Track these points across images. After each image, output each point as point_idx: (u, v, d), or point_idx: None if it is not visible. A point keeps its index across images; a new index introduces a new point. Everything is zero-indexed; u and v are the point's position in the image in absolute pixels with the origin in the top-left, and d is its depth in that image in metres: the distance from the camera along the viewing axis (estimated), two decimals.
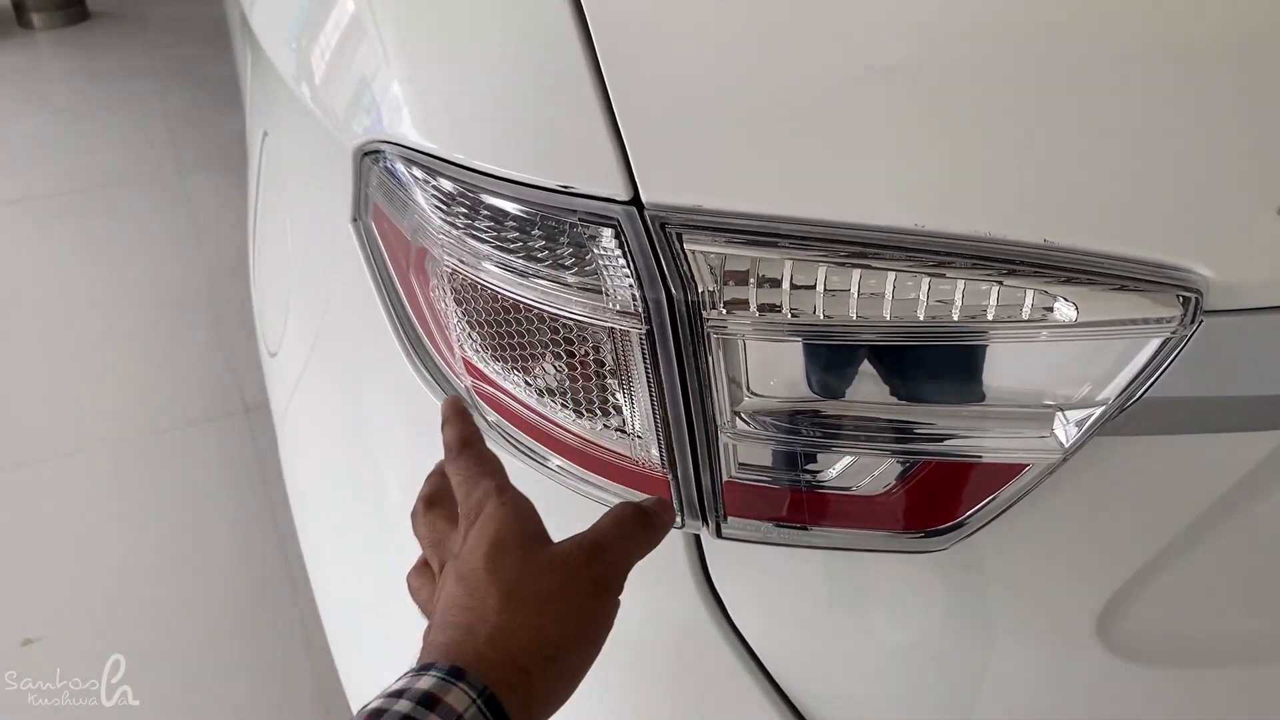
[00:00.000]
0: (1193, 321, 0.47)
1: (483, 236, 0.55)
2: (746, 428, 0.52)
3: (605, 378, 0.54)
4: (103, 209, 3.01)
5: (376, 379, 0.74)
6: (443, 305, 0.61)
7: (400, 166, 0.60)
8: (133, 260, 2.74)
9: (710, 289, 0.49)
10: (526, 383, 0.58)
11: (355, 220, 0.70)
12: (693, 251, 0.49)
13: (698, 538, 0.59)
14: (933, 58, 0.47)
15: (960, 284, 0.47)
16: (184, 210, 2.99)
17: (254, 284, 1.10)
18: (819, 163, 0.48)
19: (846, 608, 0.60)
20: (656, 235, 0.49)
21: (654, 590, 0.60)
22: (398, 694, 0.42)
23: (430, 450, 0.58)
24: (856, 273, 0.48)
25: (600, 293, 0.51)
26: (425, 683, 0.42)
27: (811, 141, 0.48)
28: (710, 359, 0.51)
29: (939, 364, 0.50)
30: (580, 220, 0.51)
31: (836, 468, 0.53)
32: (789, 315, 0.49)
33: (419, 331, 0.65)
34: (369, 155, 0.64)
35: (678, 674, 0.63)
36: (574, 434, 0.57)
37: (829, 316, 0.49)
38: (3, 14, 4.44)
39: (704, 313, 0.49)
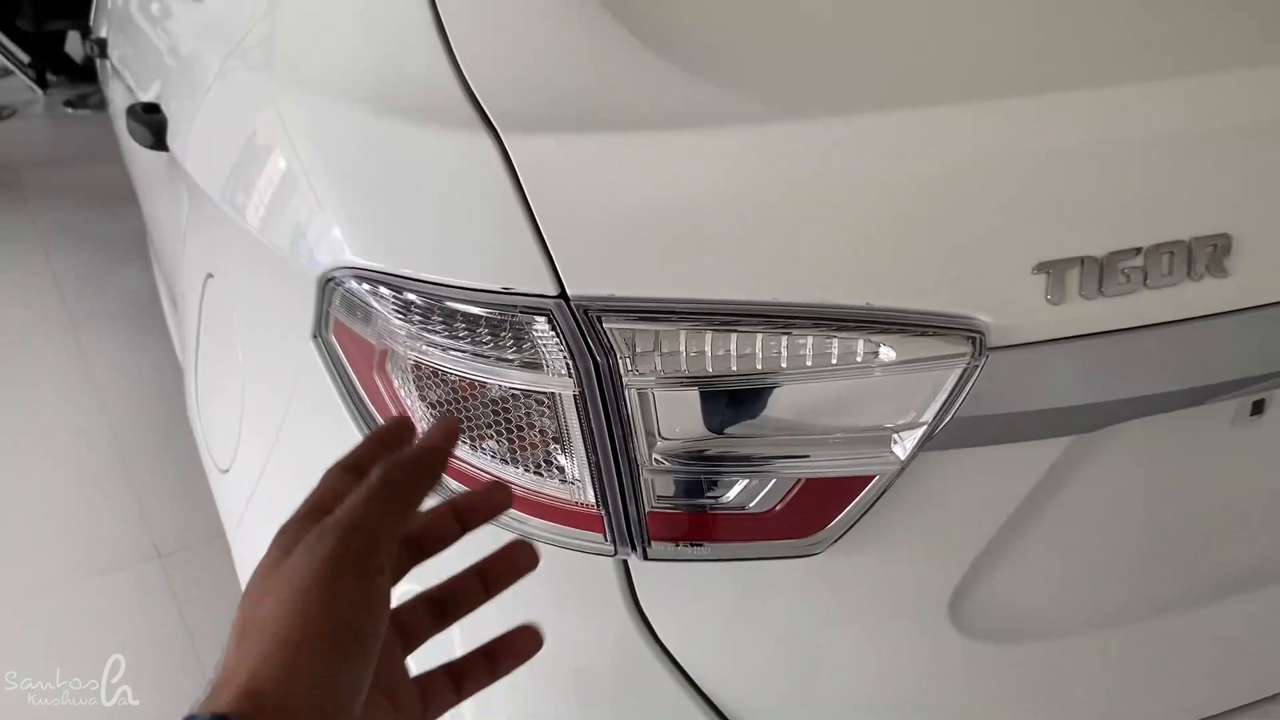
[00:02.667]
0: (980, 355, 0.64)
1: (440, 333, 0.70)
2: (661, 465, 0.67)
3: (546, 435, 0.69)
4: None
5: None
6: (406, 395, 0.74)
7: (365, 286, 0.74)
8: (32, 416, 2.76)
9: (626, 356, 0.64)
10: (482, 450, 0.72)
11: (315, 337, 0.83)
12: (610, 329, 0.64)
13: (625, 564, 0.72)
14: (758, 185, 0.64)
15: (809, 339, 0.64)
16: (81, 366, 3.02)
17: (195, 414, 1.20)
18: (696, 258, 0.64)
19: (752, 613, 0.74)
20: (581, 319, 0.65)
21: (587, 612, 0.73)
22: None
23: None
24: (733, 336, 0.64)
25: (539, 367, 0.66)
26: None
27: (689, 243, 0.64)
28: (629, 411, 0.65)
29: (802, 401, 0.66)
30: (521, 312, 0.66)
31: (733, 491, 0.68)
32: (685, 372, 0.65)
33: (380, 421, 0.78)
34: (330, 280, 0.78)
35: (610, 687, 0.75)
36: (523, 487, 0.71)
37: (714, 371, 0.65)
38: None
39: (623, 375, 0.65)
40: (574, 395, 0.66)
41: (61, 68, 6.21)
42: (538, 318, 0.66)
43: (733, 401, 0.66)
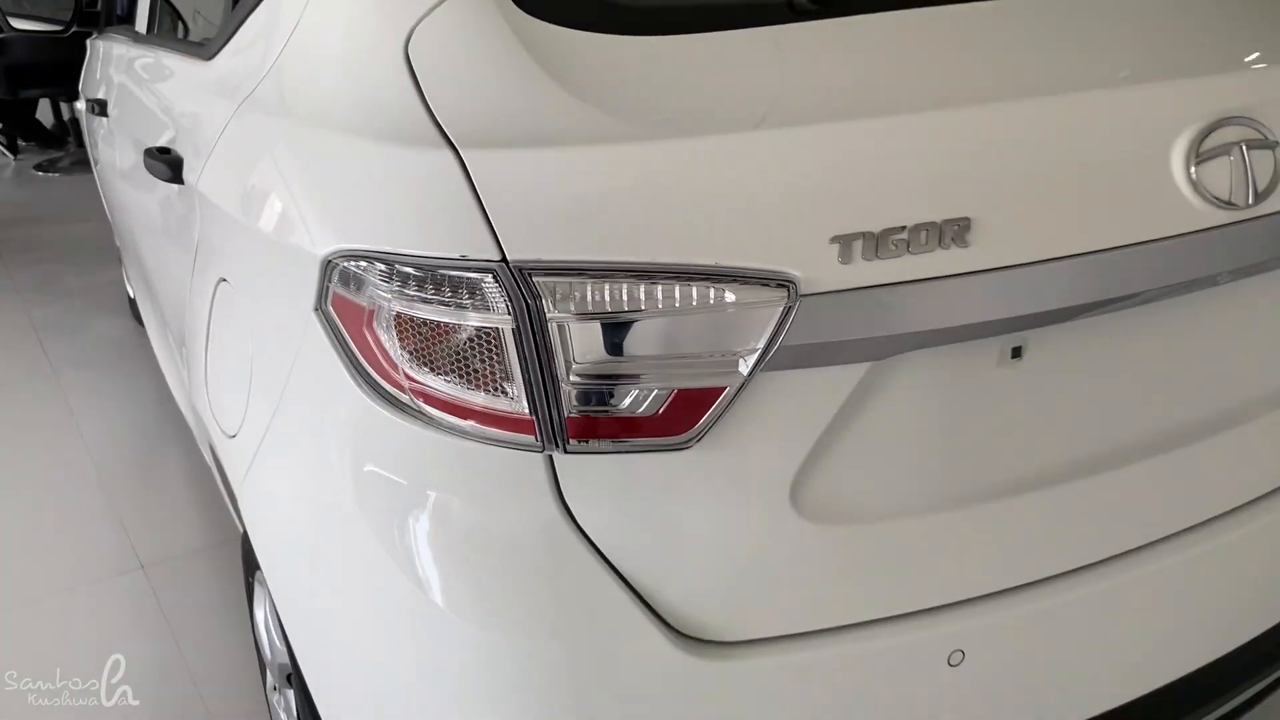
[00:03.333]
0: (794, 299, 0.93)
1: (414, 291, 0.97)
2: (575, 382, 0.95)
3: (492, 363, 0.96)
4: None
5: (332, 417, 1.12)
6: (388, 342, 1.01)
7: (358, 263, 1.01)
8: (17, 453, 2.97)
9: (548, 300, 0.92)
10: (445, 377, 0.99)
11: (317, 309, 1.10)
12: (537, 282, 0.92)
13: (551, 461, 0.99)
14: (637, 182, 0.93)
15: (676, 288, 0.92)
16: (61, 405, 3.24)
17: (205, 395, 1.46)
18: (596, 232, 0.92)
19: (643, 500, 1.01)
20: (516, 276, 0.92)
21: (522, 501, 0.99)
22: None
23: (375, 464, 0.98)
24: (624, 285, 0.92)
25: (487, 310, 0.94)
26: None
27: (590, 223, 0.93)
28: (551, 342, 0.93)
29: (673, 333, 0.94)
30: (474, 272, 0.94)
31: (626, 400, 0.96)
32: (590, 312, 0.93)
33: (369, 369, 1.05)
34: (330, 262, 1.05)
35: (538, 561, 1.01)
36: (476, 404, 0.98)
37: (610, 310, 0.93)
38: None
39: (545, 315, 0.92)
40: (512, 330, 0.93)
41: (32, 134, 6.45)
42: (485, 276, 0.93)
43: (623, 334, 0.94)
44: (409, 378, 1.01)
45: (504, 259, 0.93)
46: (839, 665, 1.07)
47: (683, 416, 0.96)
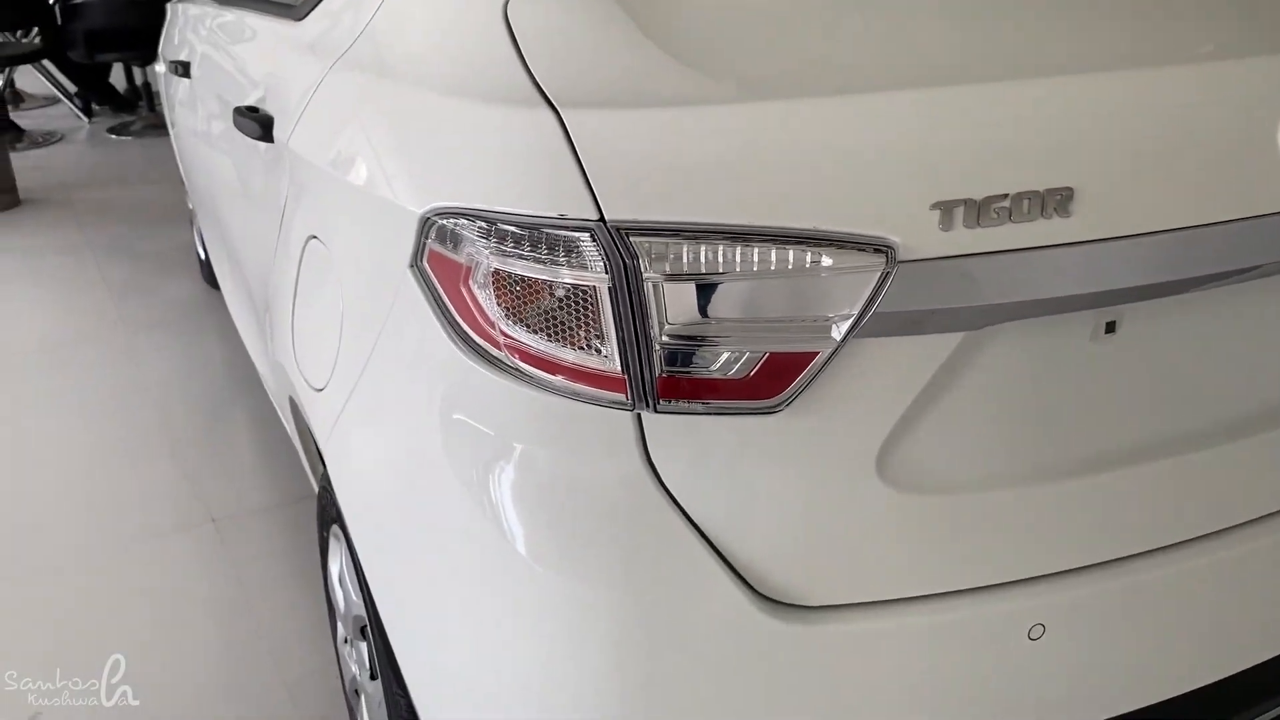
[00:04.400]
0: (891, 265, 0.93)
1: (513, 249, 0.98)
2: (668, 343, 0.95)
3: (586, 321, 0.97)
4: (56, 368, 3.30)
5: (424, 371, 1.14)
6: (485, 299, 1.03)
7: (459, 221, 1.03)
8: (91, 409, 3.04)
9: (644, 260, 0.93)
10: (539, 335, 1.00)
11: (412, 266, 1.12)
12: (634, 242, 0.93)
13: (639, 417, 1.00)
14: (738, 146, 0.93)
15: (773, 251, 0.92)
16: (133, 364, 3.32)
17: (294, 348, 1.49)
18: (694, 194, 0.93)
19: (730, 462, 1.01)
20: (614, 235, 0.93)
21: (609, 456, 1.00)
22: None
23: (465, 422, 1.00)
24: (720, 247, 0.93)
25: (585, 268, 0.95)
26: None
27: (689, 185, 0.93)
28: (645, 301, 0.94)
29: (768, 296, 0.95)
30: (573, 231, 0.95)
31: (718, 362, 0.96)
32: (685, 272, 0.93)
33: (464, 325, 1.06)
34: (428, 219, 1.07)
35: (623, 517, 1.02)
36: (568, 361, 0.99)
37: (706, 272, 0.93)
38: None
39: (640, 275, 0.93)
40: (608, 289, 0.94)
41: (106, 98, 6.58)
42: (583, 235, 0.95)
43: (718, 296, 0.94)
44: (504, 334, 1.02)
45: (601, 218, 0.94)
46: (918, 635, 1.07)
47: (773, 380, 0.97)
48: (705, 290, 0.95)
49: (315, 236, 1.40)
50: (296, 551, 2.34)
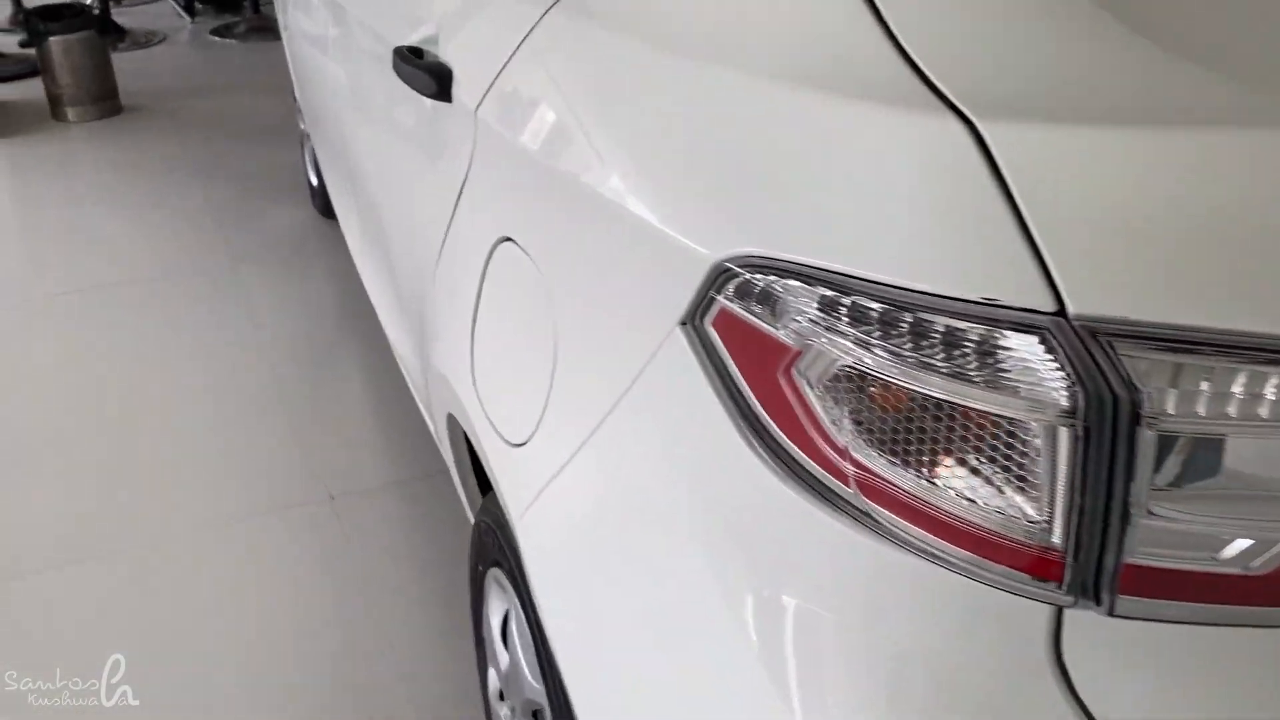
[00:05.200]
0: None
1: (884, 341, 0.62)
2: (1158, 515, 0.59)
3: (1013, 468, 0.61)
4: (160, 301, 3.06)
5: (691, 471, 0.80)
6: (823, 403, 0.67)
7: (786, 280, 0.67)
8: (196, 353, 2.79)
9: (1143, 392, 0.56)
10: (922, 474, 0.64)
11: (686, 323, 0.77)
12: (1123, 355, 0.56)
13: (1058, 611, 0.64)
14: None
15: None
16: (242, 301, 3.04)
17: (475, 379, 1.15)
18: (1243, 280, 0.56)
19: (1204, 690, 0.65)
20: (1088, 343, 0.57)
21: (994, 648, 0.65)
22: None
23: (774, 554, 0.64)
24: (1272, 377, 0.55)
25: (1023, 387, 0.59)
26: None
27: (1232, 261, 0.56)
28: (1136, 455, 0.58)
29: None
30: (1009, 329, 0.58)
31: (1232, 549, 0.60)
32: (1210, 415, 0.56)
33: (774, 429, 0.71)
34: (727, 269, 0.71)
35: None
36: (970, 521, 0.63)
37: (1241, 416, 0.56)
38: (37, 107, 4.53)
39: (1139, 409, 0.57)
40: (1070, 430, 0.58)
41: None
42: (1029, 337, 0.58)
43: (1259, 452, 0.58)
44: (855, 462, 0.67)
45: (1062, 311, 0.57)
46: None
47: None
48: (1237, 444, 0.58)
49: (512, 240, 1.05)
50: (414, 533, 2.12)
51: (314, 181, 3.40)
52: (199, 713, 1.67)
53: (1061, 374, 0.57)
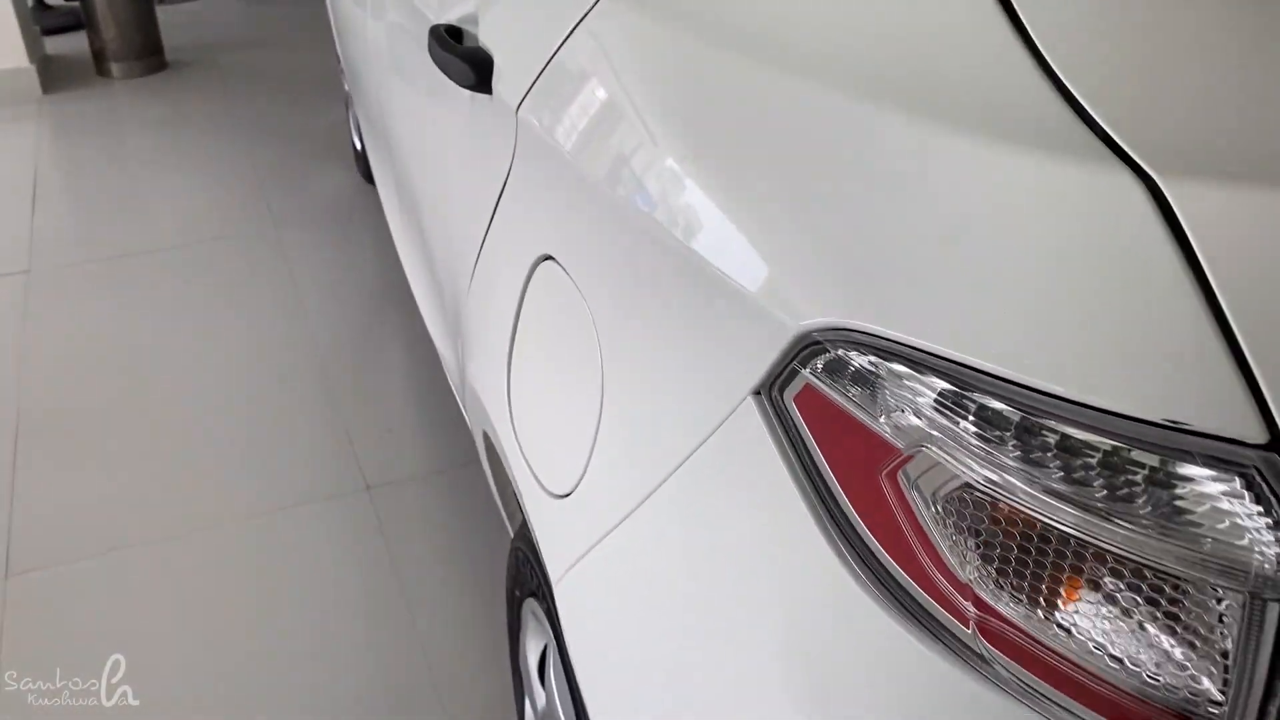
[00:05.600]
0: None
1: (1024, 459, 0.48)
2: None
3: (1192, 635, 0.47)
4: (204, 266, 2.97)
5: (764, 572, 0.67)
6: (942, 531, 0.53)
7: (897, 367, 0.53)
8: (238, 323, 2.71)
9: None
10: (1060, 625, 0.51)
11: (760, 393, 0.63)
12: None
13: None
14: None
15: None
16: (283, 270, 2.95)
17: (512, 414, 1.02)
18: None
19: None
20: None
21: None
22: None
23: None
24: None
25: (1203, 546, 0.45)
26: None
27: None
28: None
29: None
30: (1194, 464, 0.44)
31: None
32: None
33: (872, 541, 0.58)
34: (815, 342, 0.58)
35: None
36: (1122, 688, 0.50)
37: None
38: (82, 63, 4.45)
39: None
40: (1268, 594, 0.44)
41: None
42: (1227, 476, 0.44)
43: None
44: (980, 605, 0.53)
45: (1275, 444, 0.43)
46: None
47: None
48: None
49: (554, 259, 0.92)
50: (453, 525, 2.03)
51: (358, 145, 3.28)
52: (199, 713, 1.62)
53: (1272, 528, 0.43)
